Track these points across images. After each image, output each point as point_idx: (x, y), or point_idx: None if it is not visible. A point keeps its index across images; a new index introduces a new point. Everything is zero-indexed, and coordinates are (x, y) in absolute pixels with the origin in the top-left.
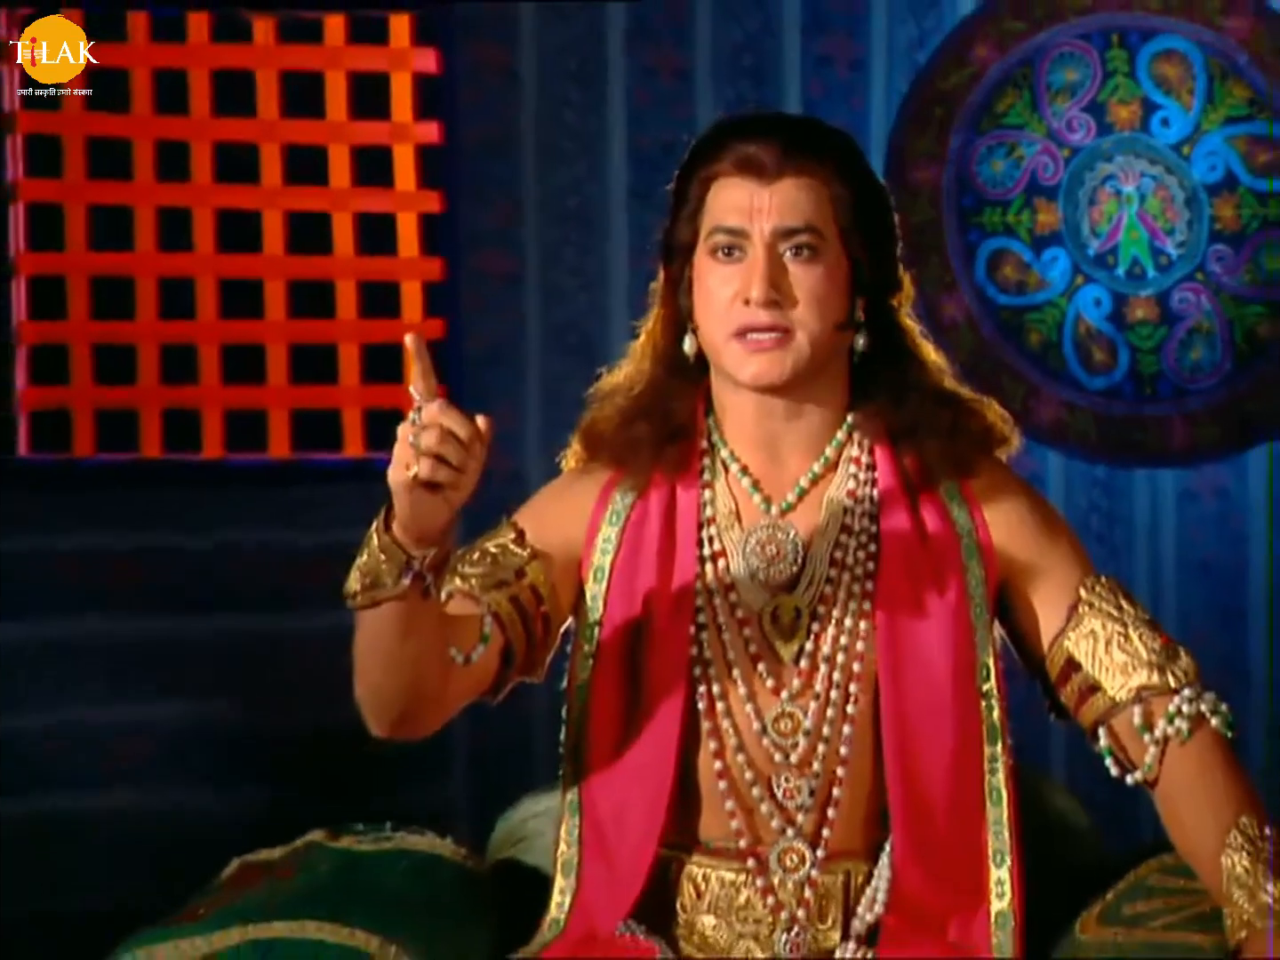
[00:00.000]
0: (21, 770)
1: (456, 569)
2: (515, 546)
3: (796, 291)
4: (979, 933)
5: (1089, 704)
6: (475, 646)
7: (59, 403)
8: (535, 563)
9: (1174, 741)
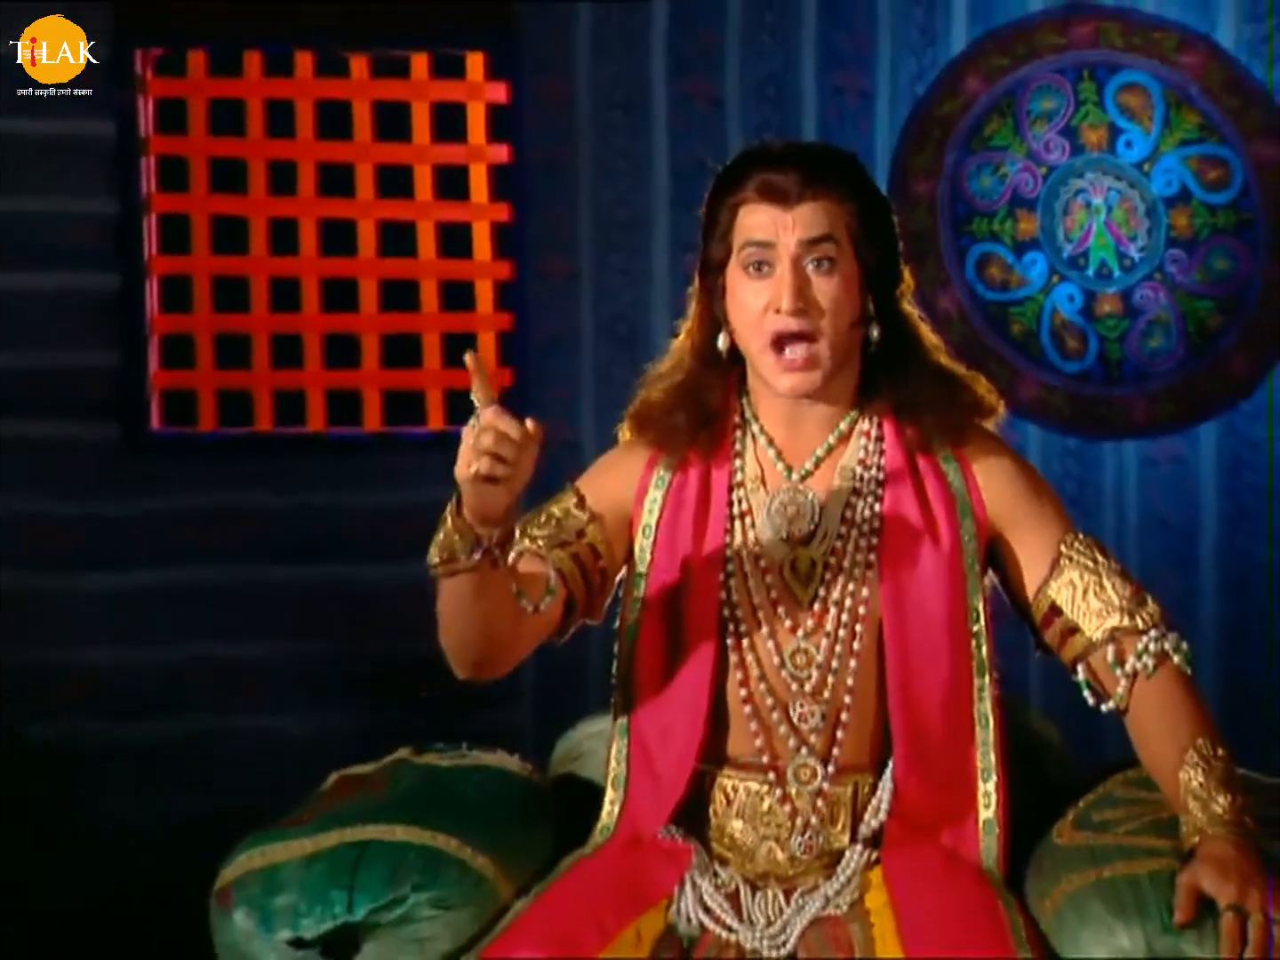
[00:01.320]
0: (148, 697)
1: (526, 531)
2: (576, 510)
3: (819, 299)
4: (969, 838)
5: (1069, 644)
6: (542, 599)
7: (185, 384)
8: (593, 524)
9: (1141, 675)
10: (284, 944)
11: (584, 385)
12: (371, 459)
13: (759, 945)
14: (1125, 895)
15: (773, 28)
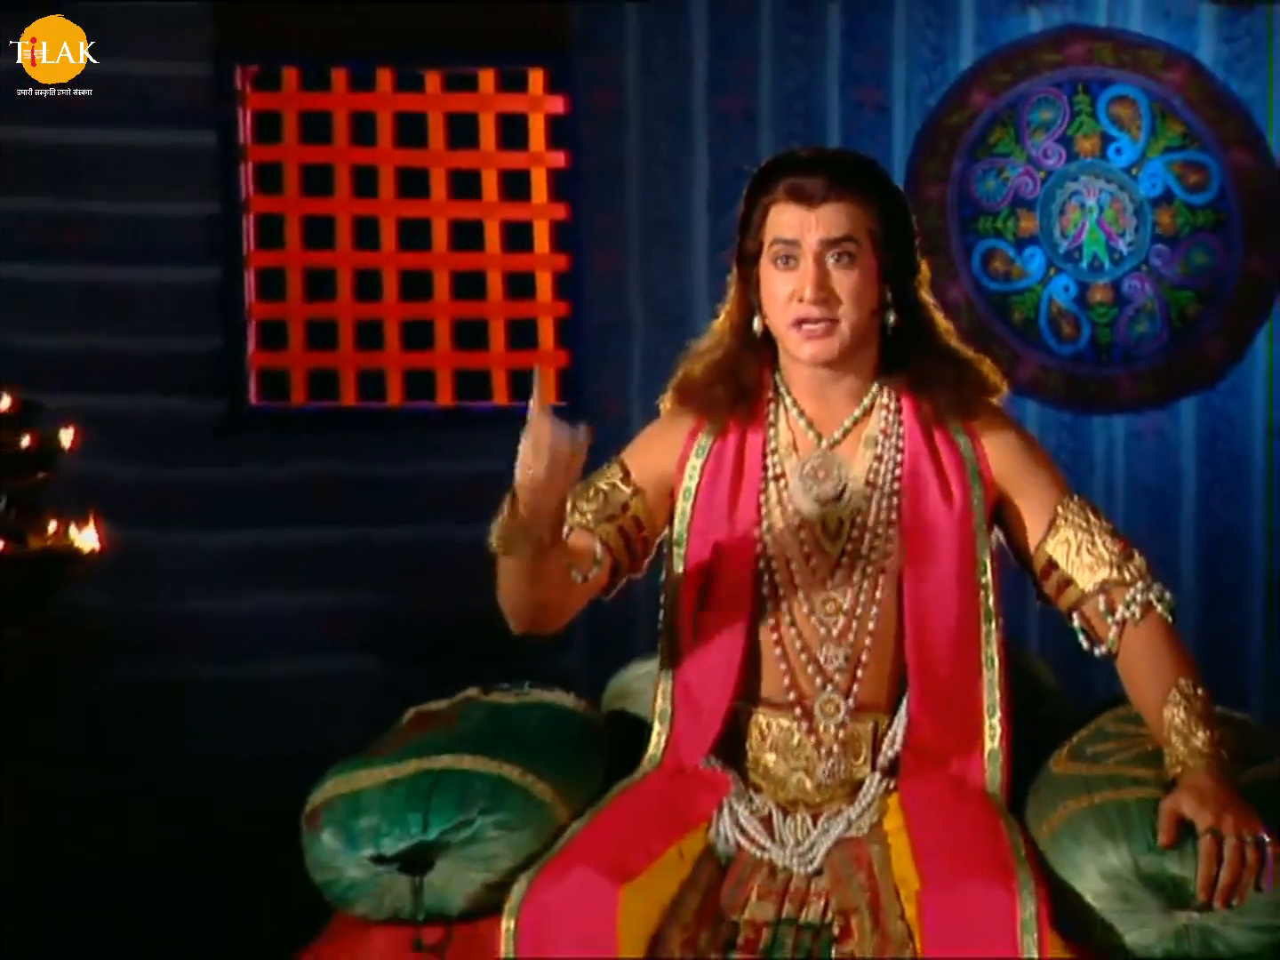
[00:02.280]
0: (245, 645)
1: (576, 506)
2: (622, 485)
3: (839, 290)
4: (976, 767)
5: (1065, 594)
6: (590, 569)
7: (279, 364)
8: (636, 498)
9: (1130, 622)
10: (366, 860)
11: (632, 365)
12: (443, 431)
13: (789, 862)
14: (1114, 819)
15: (800, 50)
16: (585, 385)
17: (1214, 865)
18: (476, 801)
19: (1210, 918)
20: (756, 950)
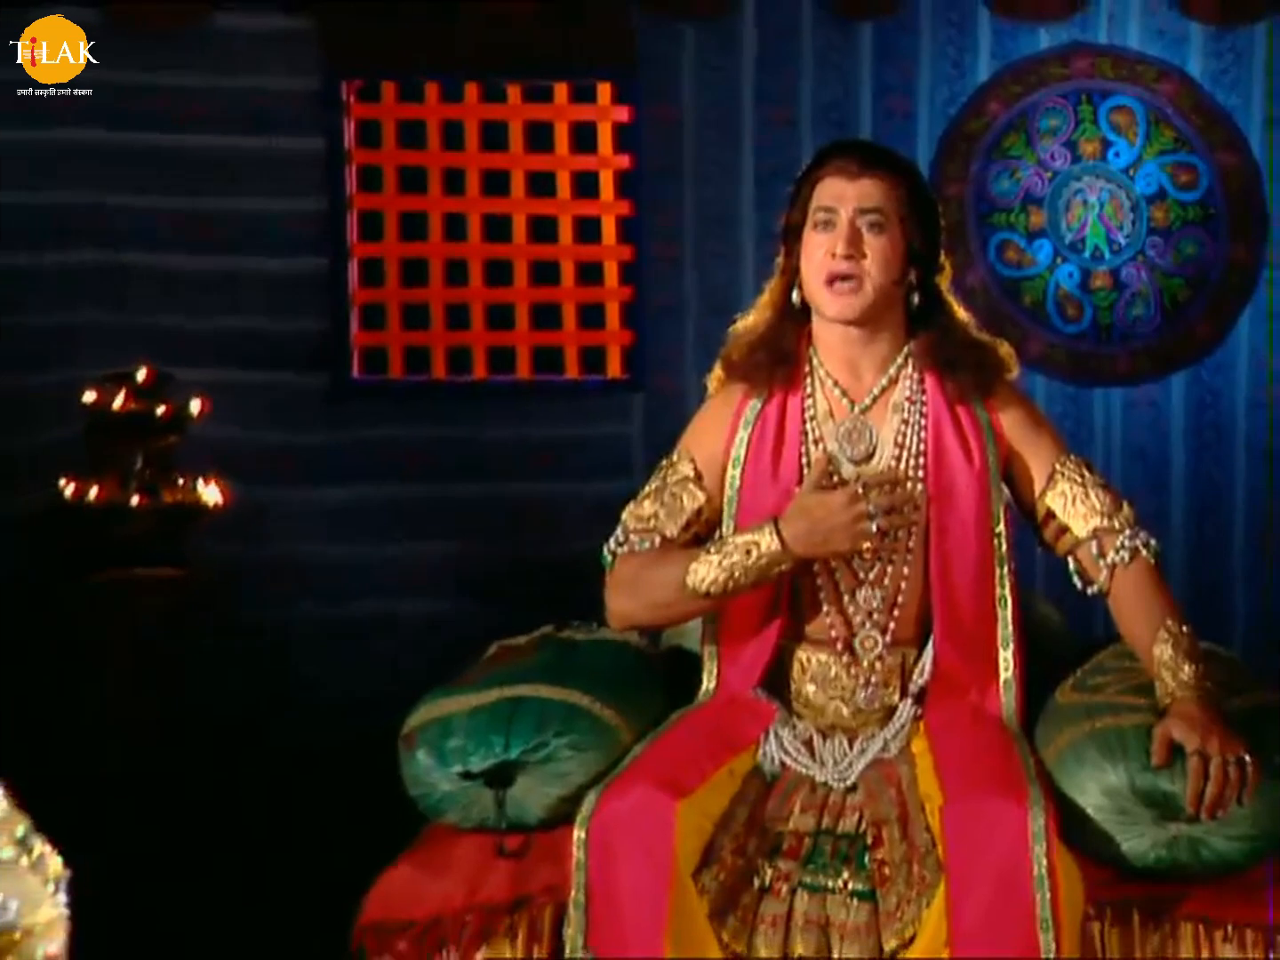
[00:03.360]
0: (346, 587)
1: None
2: (695, 488)
3: (868, 251)
4: (992, 696)
5: (1062, 540)
6: None
7: (378, 342)
8: (708, 502)
9: (1119, 565)
10: (455, 776)
11: (687, 343)
12: (521, 401)
13: (828, 780)
14: (1113, 742)
15: (836, 65)
16: (646, 360)
17: (1200, 782)
18: (552, 725)
19: (1197, 829)
20: (798, 857)
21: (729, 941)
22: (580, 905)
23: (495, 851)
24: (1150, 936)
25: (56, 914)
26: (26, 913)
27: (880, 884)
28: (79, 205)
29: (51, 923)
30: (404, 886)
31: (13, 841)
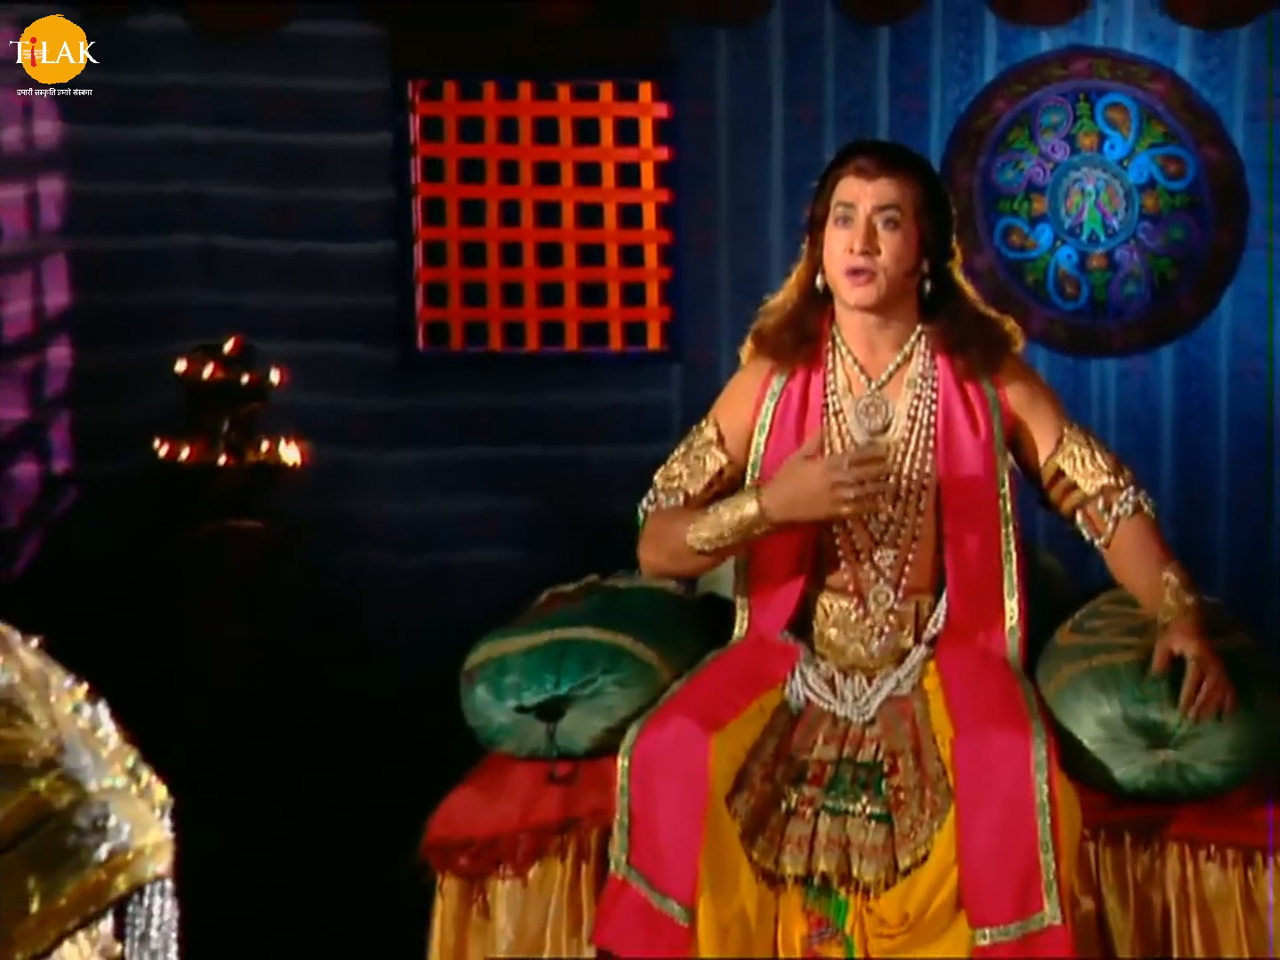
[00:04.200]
0: (411, 539)
1: (680, 473)
2: (718, 451)
3: (883, 247)
4: (998, 640)
5: (1069, 497)
6: None
7: (441, 318)
8: (732, 463)
9: (1124, 518)
10: (511, 710)
11: (720, 320)
12: (571, 371)
13: (849, 714)
14: (1107, 678)
15: (856, 67)
16: (683, 334)
17: (1196, 688)
18: (598, 664)
19: (1183, 755)
20: (822, 783)
21: (758, 859)
22: (623, 826)
23: (546, 778)
24: (1140, 856)
25: (163, 837)
26: (137, 835)
27: (896, 808)
28: (175, 195)
29: (159, 845)
30: (465, 809)
31: (124, 771)
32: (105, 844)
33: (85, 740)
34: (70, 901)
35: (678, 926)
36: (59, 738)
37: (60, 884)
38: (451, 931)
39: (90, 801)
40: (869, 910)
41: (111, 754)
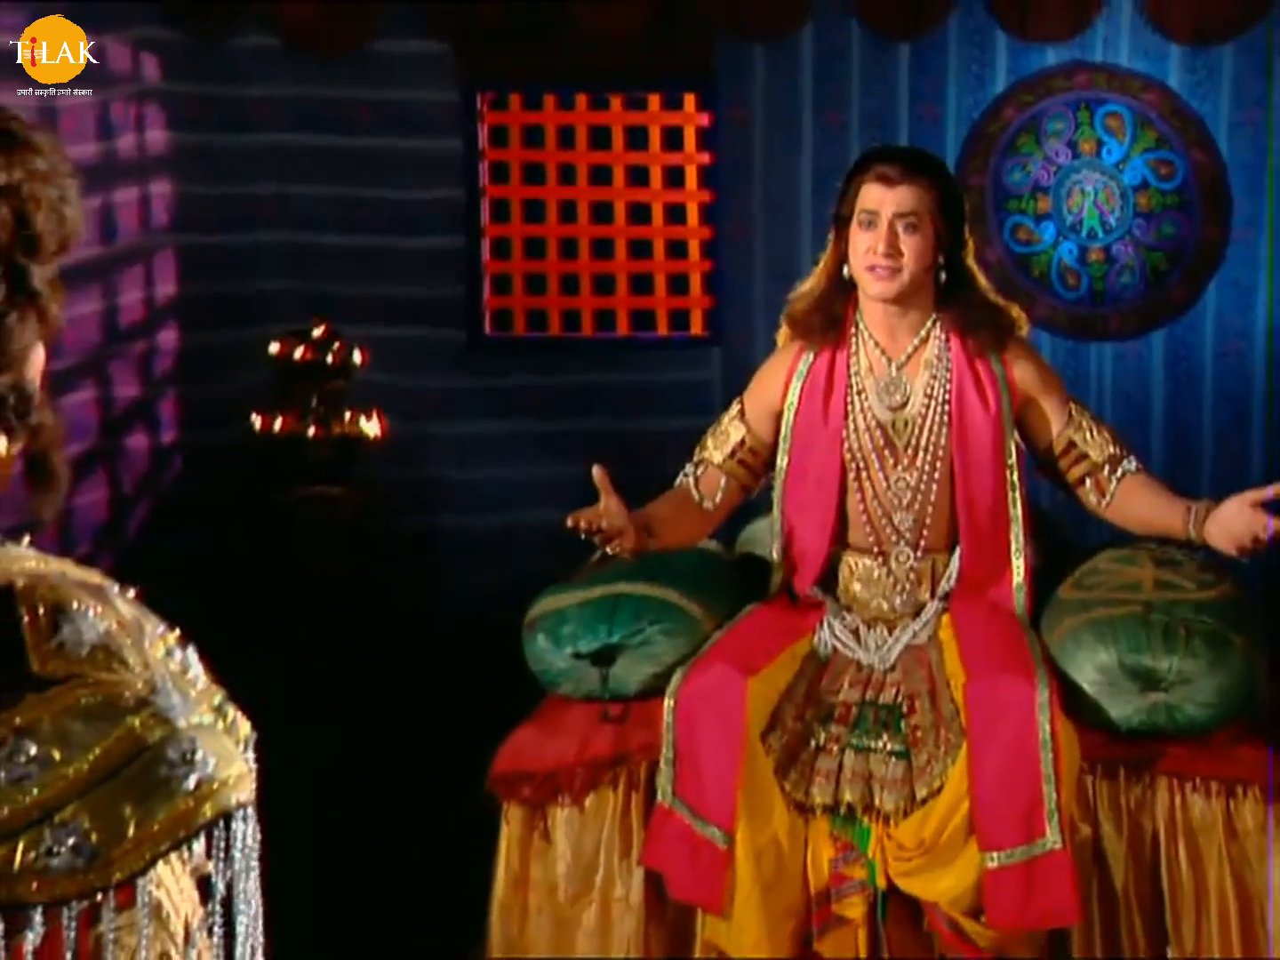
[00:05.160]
0: (479, 503)
1: (707, 445)
2: (739, 423)
3: (904, 248)
4: (1006, 594)
5: (1080, 465)
6: (715, 496)
7: (505, 305)
8: (751, 433)
9: (1129, 474)
10: (568, 656)
11: (756, 307)
12: (622, 353)
13: (871, 661)
14: (1105, 629)
15: (880, 78)
16: (723, 320)
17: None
18: (647, 616)
19: (1172, 697)
20: (847, 723)
21: (790, 790)
22: (669, 761)
23: (600, 717)
24: (1133, 788)
25: (245, 769)
26: (222, 767)
27: (913, 745)
28: (268, 195)
29: (242, 776)
30: (527, 745)
31: (210, 709)
32: (193, 775)
33: (175, 682)
34: (162, 826)
35: (717, 850)
36: (152, 679)
37: (153, 811)
38: (516, 854)
39: (180, 737)
40: (889, 836)
41: (199, 694)
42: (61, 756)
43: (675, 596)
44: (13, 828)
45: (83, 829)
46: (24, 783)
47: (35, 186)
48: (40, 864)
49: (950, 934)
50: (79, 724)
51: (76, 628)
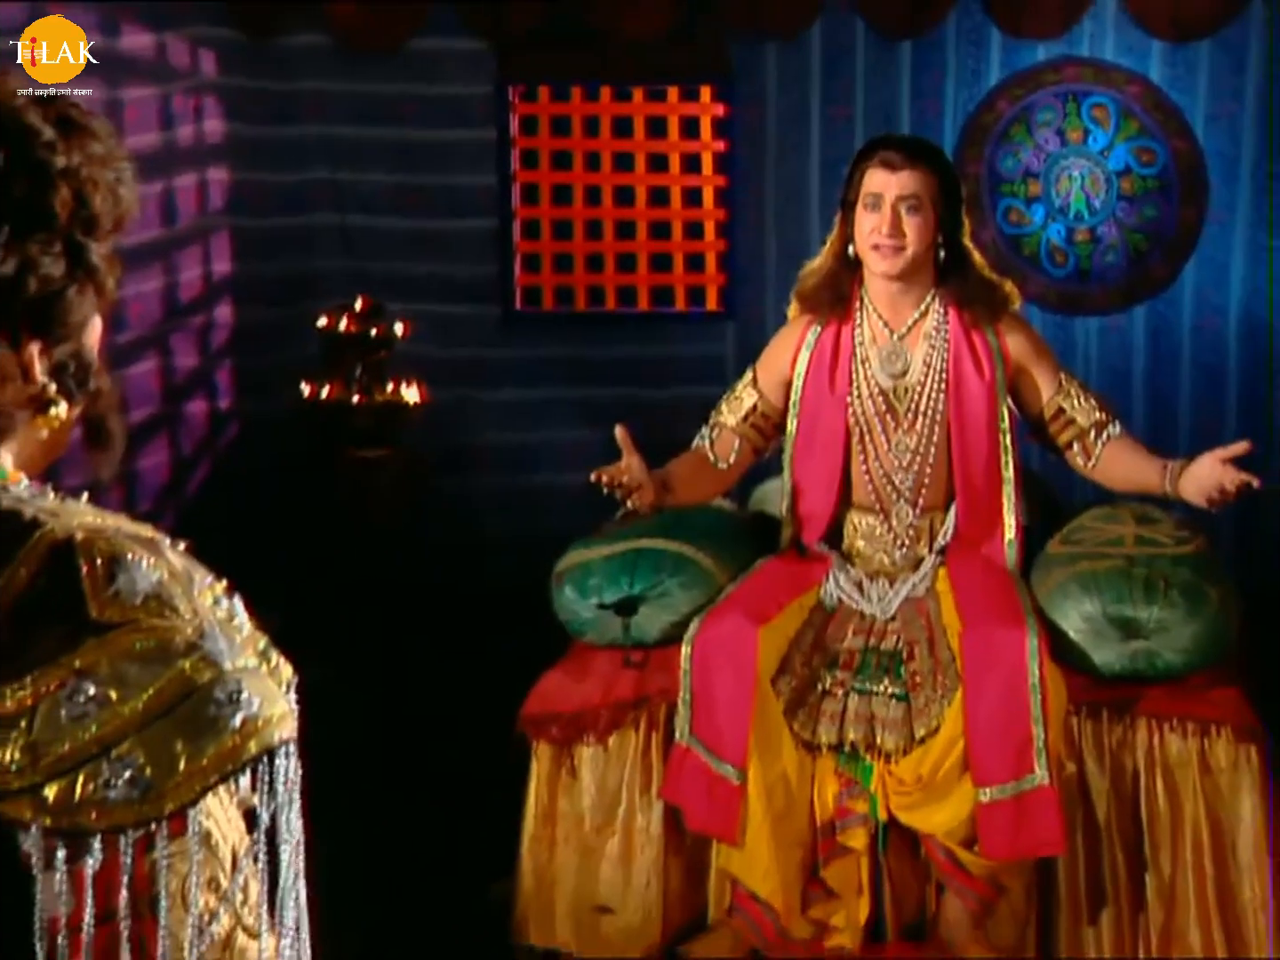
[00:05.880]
0: (511, 464)
1: (721, 409)
2: (751, 389)
3: (906, 229)
4: (999, 550)
5: (1068, 430)
6: (729, 457)
7: (535, 283)
8: (761, 399)
9: (1113, 437)
10: (593, 606)
11: (767, 284)
12: (642, 326)
13: (874, 611)
14: (1090, 582)
15: (883, 73)
16: (736, 297)
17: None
18: (665, 569)
19: (1152, 644)
20: (851, 668)
21: (798, 730)
22: (686, 703)
23: (623, 663)
24: (1115, 728)
25: (288, 708)
26: (265, 707)
27: (912, 689)
28: (317, 181)
29: (284, 714)
30: (555, 688)
31: (255, 653)
32: (239, 714)
33: (223, 628)
34: (211, 761)
35: (731, 785)
36: (201, 625)
37: (203, 747)
38: (544, 789)
39: (226, 678)
40: (889, 773)
41: (245, 639)
42: (118, 696)
43: (692, 551)
44: (74, 762)
45: (138, 763)
46: (83, 720)
47: (93, 169)
48: (99, 795)
49: (946, 863)
50: (134, 666)
51: (131, 577)
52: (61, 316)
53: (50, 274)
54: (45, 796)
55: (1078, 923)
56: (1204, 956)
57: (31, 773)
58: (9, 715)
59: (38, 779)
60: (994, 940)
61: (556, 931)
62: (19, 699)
